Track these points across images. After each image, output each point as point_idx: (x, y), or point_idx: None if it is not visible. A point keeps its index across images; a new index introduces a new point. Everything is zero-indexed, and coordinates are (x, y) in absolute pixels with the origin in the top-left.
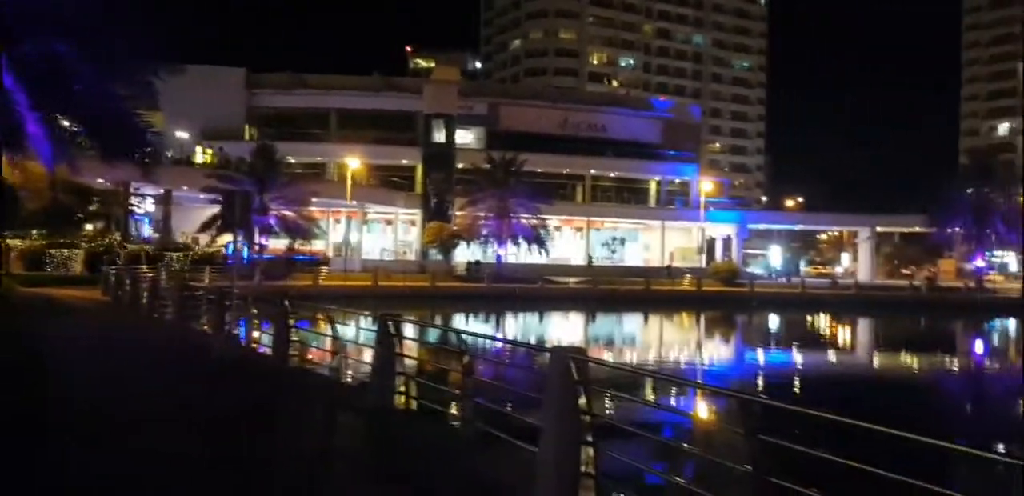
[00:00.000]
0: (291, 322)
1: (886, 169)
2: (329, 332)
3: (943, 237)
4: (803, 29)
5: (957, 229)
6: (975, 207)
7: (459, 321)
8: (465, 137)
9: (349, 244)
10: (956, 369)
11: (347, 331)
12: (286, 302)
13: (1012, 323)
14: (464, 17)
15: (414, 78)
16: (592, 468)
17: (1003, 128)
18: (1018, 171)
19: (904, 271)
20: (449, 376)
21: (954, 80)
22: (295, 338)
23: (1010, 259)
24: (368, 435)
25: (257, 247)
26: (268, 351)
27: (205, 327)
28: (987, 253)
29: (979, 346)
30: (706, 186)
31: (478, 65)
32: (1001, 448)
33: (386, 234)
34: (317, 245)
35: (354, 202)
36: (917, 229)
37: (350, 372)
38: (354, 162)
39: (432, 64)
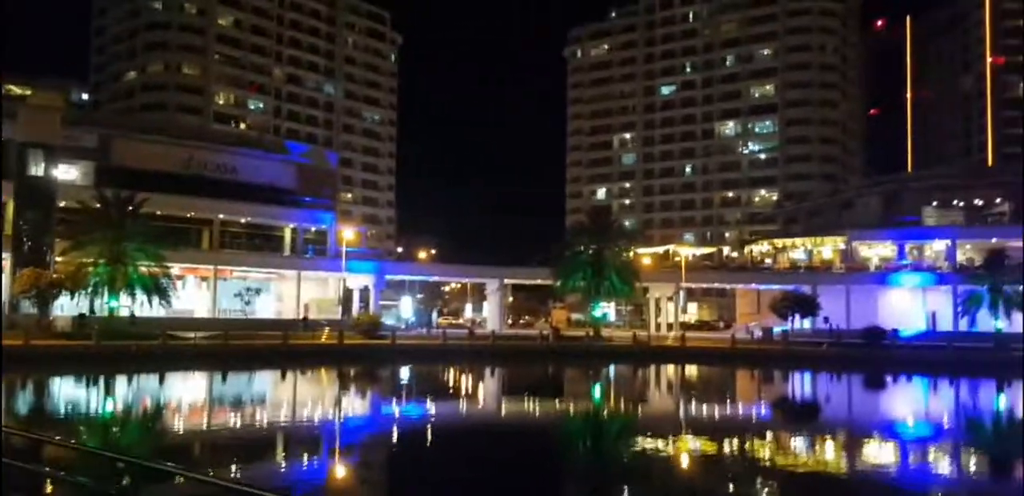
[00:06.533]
0: None
1: (505, 223)
2: None
3: (567, 289)
4: (430, 87)
5: (580, 282)
6: (593, 262)
7: (58, 388)
8: (70, 172)
9: None
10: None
11: None
12: None
13: (623, 368)
14: (71, 42)
15: (6, 102)
16: None
17: (601, 192)
18: (626, 231)
19: (521, 320)
20: None
21: (563, 145)
22: None
23: (610, 310)
24: None
25: None
26: None
27: None
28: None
29: (598, 391)
30: (347, 235)
31: (85, 96)
32: None
33: None
34: None
35: None
36: (539, 281)
37: None
38: None
39: (28, 91)
